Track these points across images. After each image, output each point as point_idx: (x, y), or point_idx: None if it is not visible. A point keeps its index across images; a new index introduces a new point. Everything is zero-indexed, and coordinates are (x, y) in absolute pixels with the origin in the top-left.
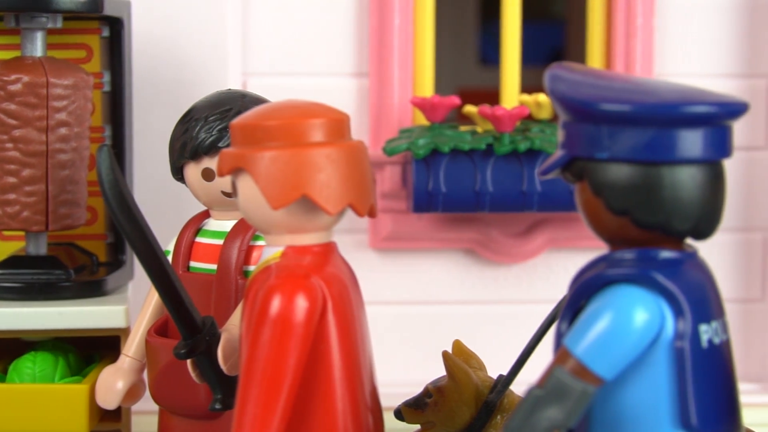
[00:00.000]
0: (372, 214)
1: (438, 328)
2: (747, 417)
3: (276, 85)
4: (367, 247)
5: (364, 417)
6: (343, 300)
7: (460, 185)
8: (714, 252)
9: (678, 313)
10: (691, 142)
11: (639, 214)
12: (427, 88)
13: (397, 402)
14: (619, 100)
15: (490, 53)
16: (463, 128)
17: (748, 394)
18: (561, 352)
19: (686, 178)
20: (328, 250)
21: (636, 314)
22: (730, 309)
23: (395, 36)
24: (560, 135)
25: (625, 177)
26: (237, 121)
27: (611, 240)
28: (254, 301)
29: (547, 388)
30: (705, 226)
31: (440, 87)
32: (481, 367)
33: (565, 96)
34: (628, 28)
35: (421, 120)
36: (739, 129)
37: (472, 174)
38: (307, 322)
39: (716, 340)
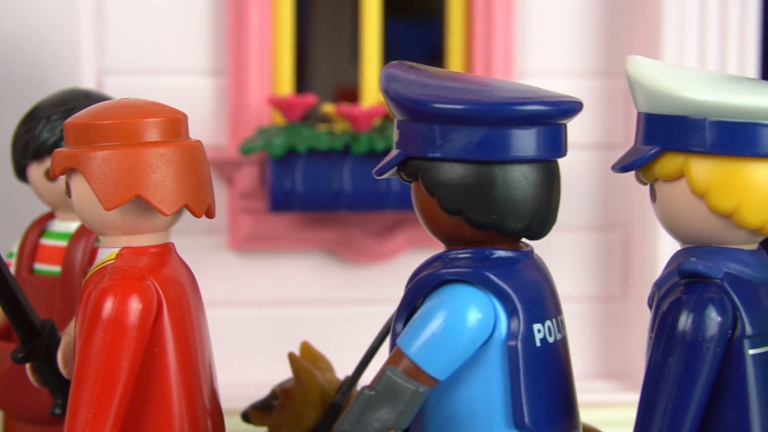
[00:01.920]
0: (210, 214)
1: (298, 329)
2: (608, 415)
3: (132, 84)
4: (226, 247)
5: (203, 420)
6: (179, 302)
7: (317, 185)
8: (575, 251)
9: (511, 312)
10: (524, 141)
11: (472, 214)
12: (286, 86)
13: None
14: (450, 100)
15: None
16: (321, 127)
17: (609, 392)
18: (394, 352)
19: (519, 178)
20: (166, 251)
21: (469, 314)
22: (591, 307)
23: (253, 34)
24: (395, 134)
25: (458, 176)
26: (70, 120)
27: (447, 240)
28: (87, 303)
29: (379, 388)
30: (539, 226)
31: (318, 85)
32: (329, 368)
33: (398, 95)
34: (488, 27)
35: (283, 119)
36: (598, 127)
37: (329, 173)
38: (141, 324)
39: (550, 339)
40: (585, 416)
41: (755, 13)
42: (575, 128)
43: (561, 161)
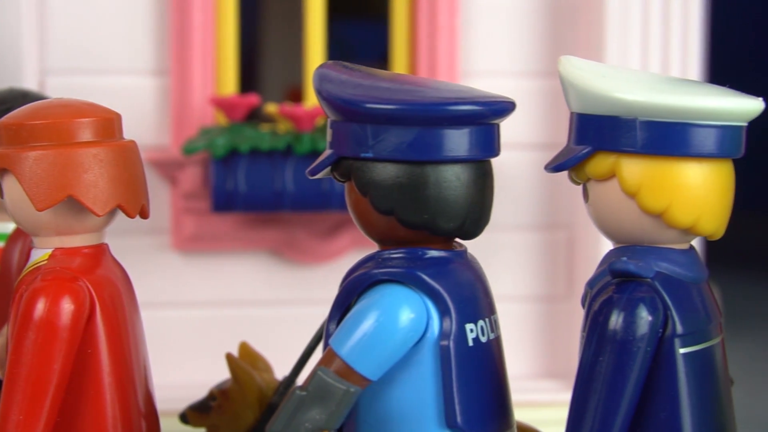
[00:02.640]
0: (143, 214)
1: (243, 330)
2: (552, 414)
3: (74, 84)
4: (169, 248)
5: (137, 422)
6: (113, 303)
7: (259, 185)
8: (519, 251)
9: (443, 312)
10: (456, 141)
11: (404, 214)
12: (229, 86)
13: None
14: (382, 100)
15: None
16: (264, 127)
17: (554, 392)
18: (327, 352)
19: (451, 178)
20: (99, 251)
21: (401, 314)
22: (535, 307)
23: (196, 34)
24: (328, 134)
25: (390, 176)
26: (3, 120)
27: (381, 240)
28: (19, 305)
29: (310, 389)
30: (471, 226)
31: (271, 86)
32: (267, 369)
33: (330, 95)
34: (432, 27)
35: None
36: (542, 127)
37: (271, 174)
38: (73, 325)
39: (483, 339)
40: (529, 415)
41: (698, 13)
42: (519, 128)
43: (506, 161)
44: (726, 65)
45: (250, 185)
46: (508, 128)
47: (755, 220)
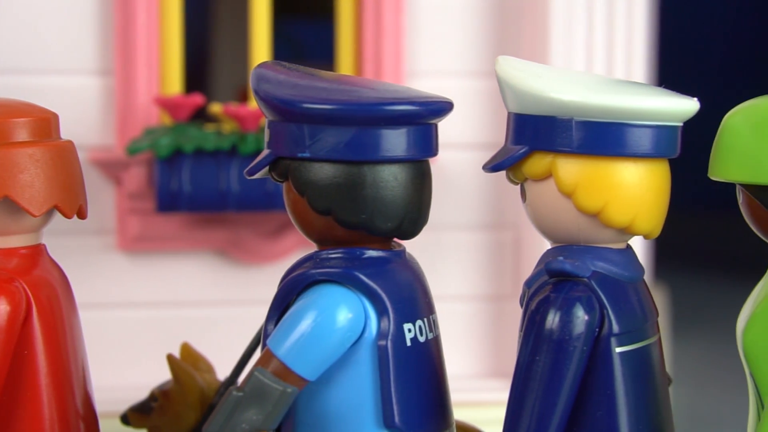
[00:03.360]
0: (81, 215)
1: (189, 331)
2: (498, 413)
3: (17, 84)
4: (114, 248)
5: (74, 423)
6: (50, 304)
7: (204, 185)
8: (466, 250)
9: (381, 312)
10: (393, 141)
11: (342, 214)
12: (175, 86)
13: None
14: (319, 100)
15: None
16: (209, 127)
17: (499, 391)
18: (264, 353)
19: (389, 178)
20: (36, 252)
21: (339, 314)
22: (482, 307)
23: (141, 33)
24: (266, 134)
25: (327, 176)
26: None
27: (319, 240)
28: None
29: (247, 389)
30: (409, 226)
31: (221, 86)
32: (209, 369)
33: (268, 95)
34: (377, 27)
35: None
36: (488, 127)
37: (216, 174)
38: (9, 327)
39: (421, 339)
40: (475, 415)
41: (643, 14)
42: (467, 128)
43: (453, 161)
44: (675, 65)
45: (194, 185)
46: (455, 128)
47: (705, 221)
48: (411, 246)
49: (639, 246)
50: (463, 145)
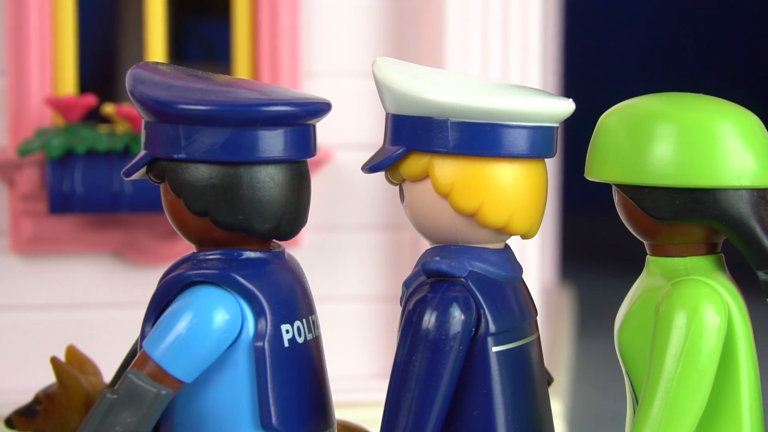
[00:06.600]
0: None
1: (84, 333)
2: None
3: None
4: (8, 250)
5: None
6: None
7: (97, 186)
8: (365, 251)
9: (258, 313)
10: (270, 142)
11: (218, 215)
12: (69, 86)
13: None
14: (195, 101)
15: (182, 51)
16: (102, 128)
17: None
18: (140, 355)
19: (266, 179)
20: None
21: (215, 315)
22: (381, 307)
23: (33, 33)
24: (143, 135)
25: (203, 177)
26: None
27: (198, 241)
28: None
29: (121, 392)
30: (287, 227)
31: (124, 87)
32: (95, 372)
33: (143, 96)
34: (273, 26)
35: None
36: (378, 128)
37: (109, 175)
38: None
39: (300, 339)
40: (370, 415)
41: (538, 16)
42: (364, 129)
43: (351, 162)
44: (580, 67)
45: (87, 187)
46: (352, 129)
47: (611, 221)
48: (311, 248)
49: (545, 245)
50: (360, 145)
